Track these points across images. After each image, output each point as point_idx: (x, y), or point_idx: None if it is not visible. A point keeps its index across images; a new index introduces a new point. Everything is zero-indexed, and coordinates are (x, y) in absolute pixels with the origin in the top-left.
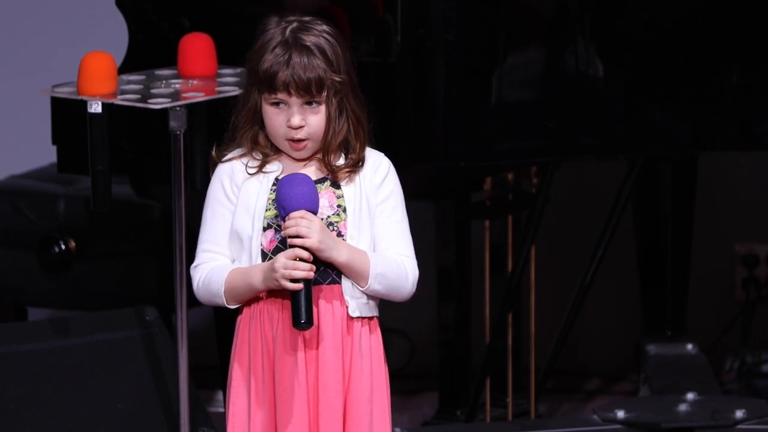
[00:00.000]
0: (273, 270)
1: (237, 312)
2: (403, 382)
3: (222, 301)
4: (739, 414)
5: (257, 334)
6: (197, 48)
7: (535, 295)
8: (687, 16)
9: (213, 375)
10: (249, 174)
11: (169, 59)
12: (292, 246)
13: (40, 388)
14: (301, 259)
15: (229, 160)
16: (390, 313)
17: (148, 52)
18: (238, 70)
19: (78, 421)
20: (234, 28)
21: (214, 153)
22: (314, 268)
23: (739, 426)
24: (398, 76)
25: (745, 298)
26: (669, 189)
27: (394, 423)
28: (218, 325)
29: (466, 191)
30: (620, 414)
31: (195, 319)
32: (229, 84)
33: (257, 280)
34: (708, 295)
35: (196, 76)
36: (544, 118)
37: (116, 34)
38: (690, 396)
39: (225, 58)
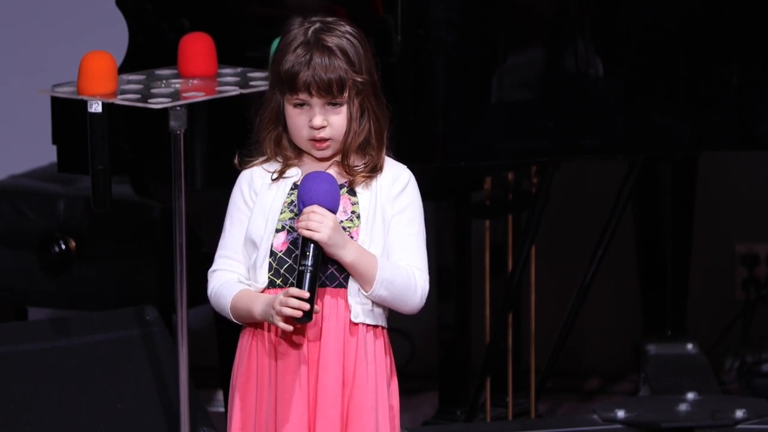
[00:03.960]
0: (272, 306)
1: None
2: (403, 382)
3: (231, 318)
4: (739, 414)
5: (262, 332)
6: (197, 48)
7: (535, 295)
8: (687, 17)
9: (213, 375)
10: (271, 180)
11: (169, 59)
12: (303, 239)
13: (40, 388)
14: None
15: (251, 166)
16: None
17: (148, 52)
18: (238, 70)
19: (78, 421)
20: (234, 28)
21: (236, 160)
22: (306, 306)
23: (739, 426)
24: (398, 76)
25: (745, 299)
26: (669, 189)
27: None
28: (218, 325)
29: (466, 191)
30: (620, 414)
31: (195, 319)
32: (229, 84)
33: (257, 310)
34: (708, 295)
35: (196, 76)
36: (544, 118)
37: (116, 34)
38: (690, 396)
39: (225, 58)
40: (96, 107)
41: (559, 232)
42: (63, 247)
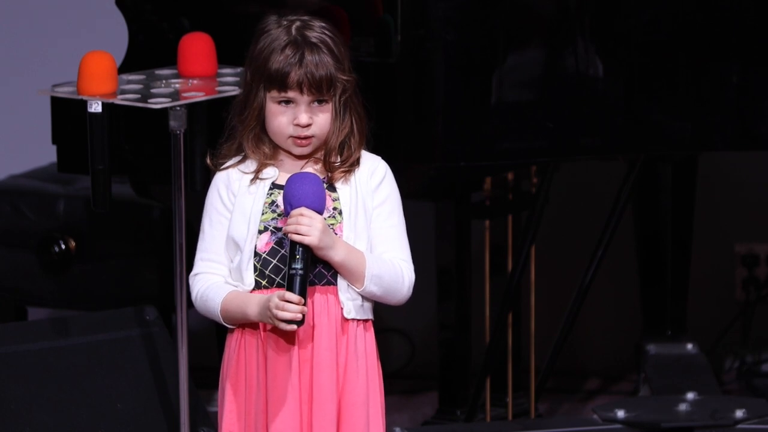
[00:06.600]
0: (268, 308)
1: None
2: (403, 382)
3: (220, 321)
4: (739, 414)
5: (253, 332)
6: (197, 48)
7: (535, 295)
8: (687, 16)
9: (213, 375)
10: (249, 181)
11: (169, 59)
12: (293, 242)
13: (40, 388)
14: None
15: (226, 168)
16: (390, 313)
17: (148, 52)
18: (238, 70)
19: (78, 421)
20: (234, 28)
21: (209, 161)
22: (305, 309)
23: (739, 426)
24: (398, 76)
25: (745, 299)
26: (669, 189)
27: (395, 423)
28: (218, 324)
29: (466, 191)
30: (620, 414)
31: (195, 319)
32: (229, 84)
33: (253, 312)
34: (708, 295)
35: (196, 76)
36: (544, 118)
37: (116, 34)
38: (690, 396)
39: (225, 58)
40: (96, 107)
41: (559, 232)
42: (63, 247)
